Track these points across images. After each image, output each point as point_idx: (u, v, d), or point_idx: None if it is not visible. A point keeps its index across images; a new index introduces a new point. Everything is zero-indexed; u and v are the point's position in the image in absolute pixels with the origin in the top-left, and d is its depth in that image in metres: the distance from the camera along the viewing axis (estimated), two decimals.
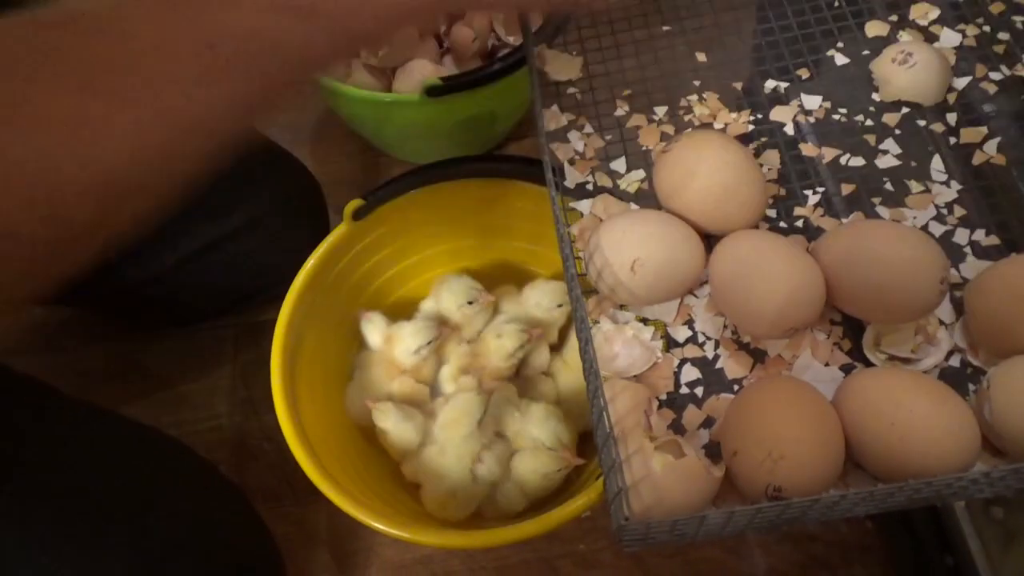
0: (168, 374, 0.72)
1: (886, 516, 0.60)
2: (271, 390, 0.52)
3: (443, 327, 0.60)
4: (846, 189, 0.41)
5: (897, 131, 0.42)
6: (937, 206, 0.40)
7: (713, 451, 0.35)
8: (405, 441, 0.56)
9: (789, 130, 0.43)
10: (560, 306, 0.60)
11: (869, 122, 0.42)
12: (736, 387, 0.36)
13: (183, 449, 0.54)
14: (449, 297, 0.60)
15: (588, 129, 0.44)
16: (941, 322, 0.36)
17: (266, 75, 0.29)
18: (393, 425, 0.55)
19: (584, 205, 0.42)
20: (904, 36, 0.44)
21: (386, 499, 0.54)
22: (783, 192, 0.41)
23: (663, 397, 0.36)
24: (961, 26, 0.44)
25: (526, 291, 0.62)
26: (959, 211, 0.39)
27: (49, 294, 0.28)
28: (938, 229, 0.39)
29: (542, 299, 0.60)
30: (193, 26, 0.27)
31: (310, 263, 0.56)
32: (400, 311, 0.63)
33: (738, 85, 0.45)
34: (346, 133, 0.83)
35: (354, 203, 0.57)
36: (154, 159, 0.27)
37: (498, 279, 0.65)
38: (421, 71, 0.71)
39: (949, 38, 0.44)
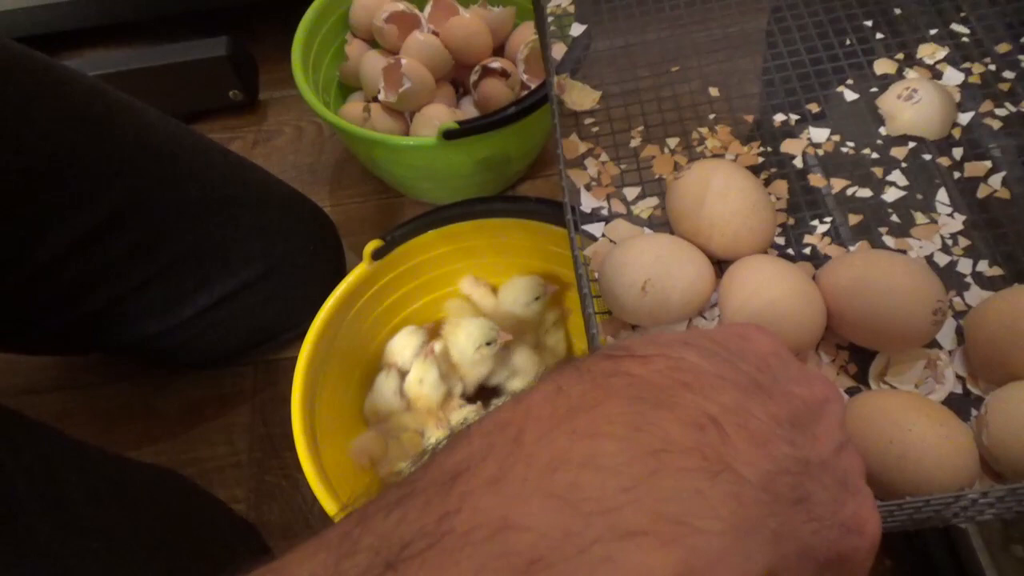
0: (187, 411, 0.73)
1: (905, 554, 0.60)
2: (290, 428, 0.53)
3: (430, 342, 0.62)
4: (853, 219, 0.42)
5: (903, 164, 0.43)
6: (943, 237, 0.41)
7: None
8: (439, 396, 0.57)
9: (798, 162, 0.45)
10: (537, 299, 0.61)
11: (876, 155, 0.44)
12: None
13: (191, 489, 0.55)
14: (466, 339, 0.61)
15: (604, 157, 0.46)
16: (950, 355, 0.37)
17: None
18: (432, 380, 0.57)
19: (598, 229, 0.43)
20: (911, 74, 0.46)
21: None
22: (792, 221, 0.43)
23: None
24: (967, 64, 0.46)
25: (501, 290, 0.63)
26: (964, 242, 0.40)
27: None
28: (943, 259, 0.40)
29: (519, 295, 0.62)
30: None
31: (330, 303, 0.58)
32: None
33: (749, 118, 0.47)
34: (363, 174, 0.86)
35: (373, 243, 0.59)
36: None
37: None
38: (438, 115, 0.73)
39: (954, 76, 0.45)
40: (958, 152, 0.43)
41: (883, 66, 0.47)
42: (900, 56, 0.47)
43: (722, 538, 0.17)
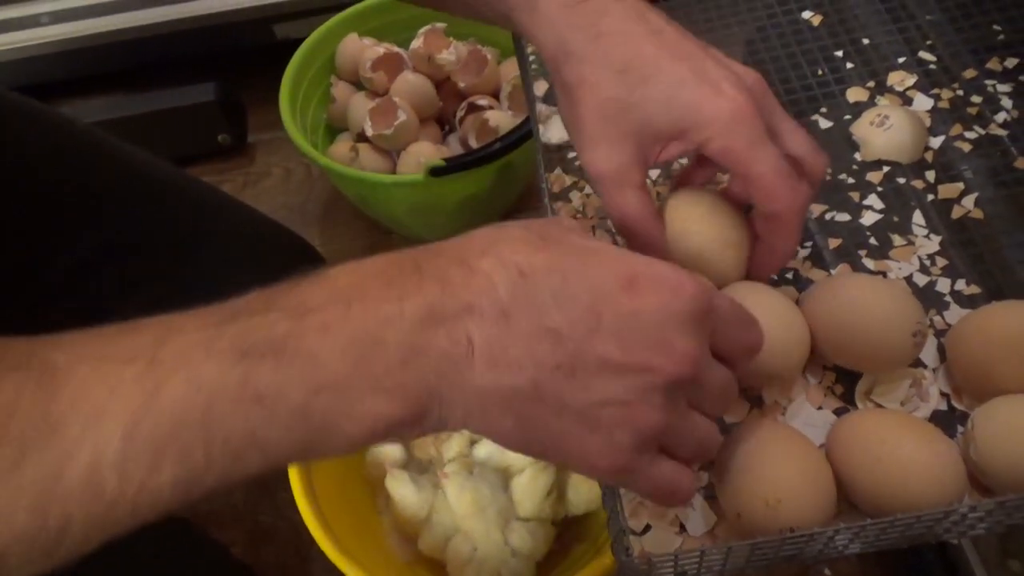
0: None
1: (902, 573, 0.60)
2: (285, 468, 0.53)
3: None
4: (833, 243, 0.43)
5: (879, 188, 0.45)
6: (920, 258, 0.42)
7: (713, 493, 0.36)
8: (413, 510, 0.56)
9: None
10: None
11: (852, 180, 0.45)
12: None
13: (190, 530, 0.55)
14: None
15: (588, 190, 0.47)
16: (933, 373, 0.38)
17: (216, 471, 0.24)
18: (409, 493, 0.56)
19: None
20: (882, 101, 0.48)
21: (403, 573, 0.55)
22: None
23: None
24: (935, 90, 0.48)
25: None
26: (941, 262, 0.41)
27: None
28: (922, 279, 0.41)
29: None
30: (123, 399, 0.23)
31: None
32: None
33: None
34: (353, 213, 0.87)
35: None
36: (56, 524, 0.23)
37: None
38: (424, 152, 0.75)
39: (924, 102, 0.47)
40: (931, 175, 0.45)
41: (855, 94, 0.48)
42: (871, 84, 0.49)
43: (443, 406, 0.26)
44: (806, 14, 0.53)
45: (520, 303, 0.25)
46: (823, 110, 0.48)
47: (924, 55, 0.49)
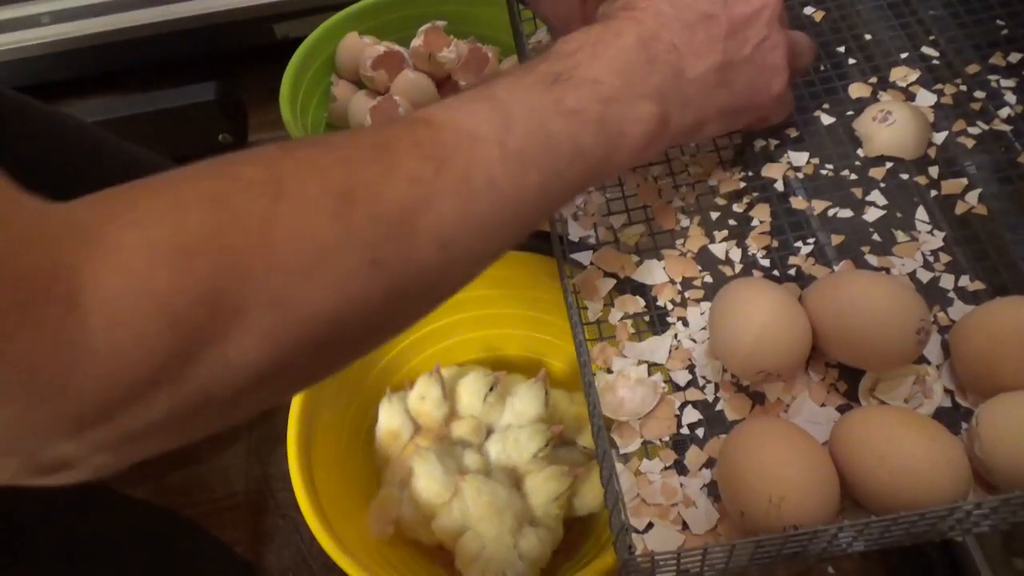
0: (182, 454, 0.72)
1: (906, 571, 0.60)
2: (286, 467, 0.53)
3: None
4: (836, 240, 0.43)
5: (882, 184, 0.44)
6: (924, 254, 0.42)
7: (715, 491, 0.36)
8: (438, 489, 0.56)
9: (779, 186, 0.46)
10: (492, 389, 0.61)
11: (855, 176, 0.45)
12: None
13: (193, 529, 0.55)
14: (471, 395, 0.61)
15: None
16: (938, 370, 0.38)
17: (560, 176, 0.32)
18: (437, 473, 0.56)
19: (586, 258, 0.44)
20: (885, 96, 0.47)
21: (405, 573, 0.55)
22: (776, 243, 0.44)
23: (666, 438, 0.38)
24: (938, 86, 0.47)
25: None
26: (945, 258, 0.41)
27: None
28: (925, 276, 0.41)
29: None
30: (487, 124, 0.31)
31: None
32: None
33: (729, 144, 0.48)
34: None
35: None
36: (477, 221, 0.30)
37: (509, 353, 0.67)
38: None
39: (927, 97, 0.47)
40: (934, 171, 0.44)
41: (857, 90, 0.48)
42: (873, 80, 0.48)
43: (679, 106, 0.36)
44: (808, 9, 0.53)
45: (682, 9, 0.36)
46: (825, 106, 0.48)
47: (927, 50, 0.49)
